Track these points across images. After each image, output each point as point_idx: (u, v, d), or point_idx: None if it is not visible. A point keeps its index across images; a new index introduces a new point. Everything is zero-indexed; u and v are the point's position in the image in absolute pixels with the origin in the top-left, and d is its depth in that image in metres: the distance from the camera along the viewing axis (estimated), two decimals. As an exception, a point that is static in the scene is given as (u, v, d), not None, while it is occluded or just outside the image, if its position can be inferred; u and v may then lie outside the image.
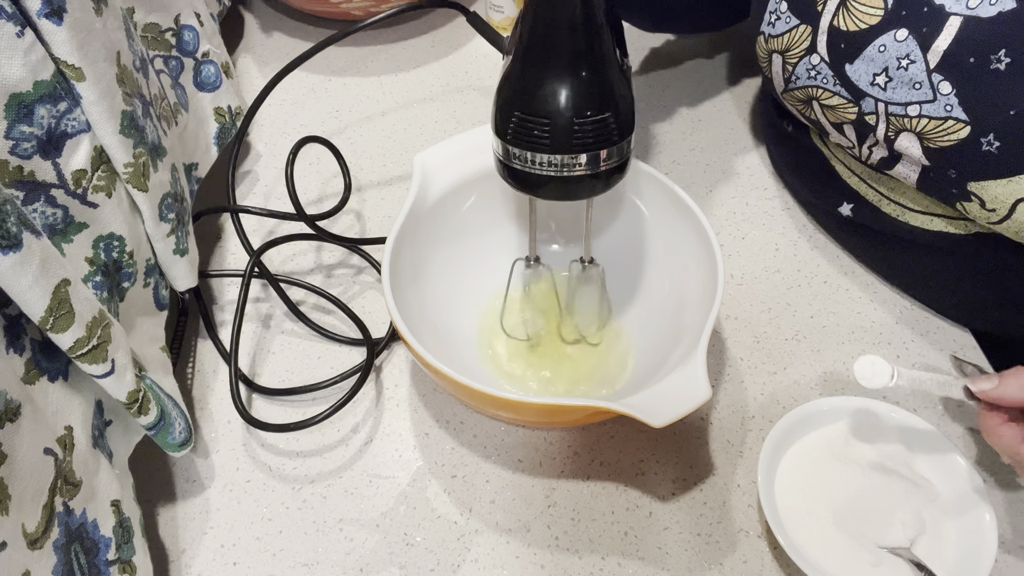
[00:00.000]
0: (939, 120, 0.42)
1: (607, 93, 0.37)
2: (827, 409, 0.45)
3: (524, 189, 0.40)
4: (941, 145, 0.42)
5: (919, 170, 0.45)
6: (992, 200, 0.42)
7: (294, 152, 0.51)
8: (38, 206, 0.37)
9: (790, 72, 0.49)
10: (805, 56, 0.47)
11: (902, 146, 0.45)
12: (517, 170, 0.39)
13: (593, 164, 0.38)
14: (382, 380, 0.51)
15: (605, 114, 0.37)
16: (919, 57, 0.42)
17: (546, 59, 0.37)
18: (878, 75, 0.44)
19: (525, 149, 0.38)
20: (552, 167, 0.38)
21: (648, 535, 0.44)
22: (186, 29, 0.56)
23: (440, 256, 0.50)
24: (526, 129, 0.37)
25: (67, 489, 0.35)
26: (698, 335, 0.40)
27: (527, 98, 0.37)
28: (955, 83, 0.41)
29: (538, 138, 0.37)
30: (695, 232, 0.46)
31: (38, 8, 0.35)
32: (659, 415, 0.37)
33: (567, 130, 0.37)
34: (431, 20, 0.77)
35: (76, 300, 0.34)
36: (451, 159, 0.49)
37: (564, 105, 0.37)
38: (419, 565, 0.43)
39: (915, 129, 0.43)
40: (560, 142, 0.37)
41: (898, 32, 0.42)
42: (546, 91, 0.37)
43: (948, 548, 0.40)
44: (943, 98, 0.41)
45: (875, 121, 0.45)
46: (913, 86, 0.42)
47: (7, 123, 0.35)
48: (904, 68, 0.42)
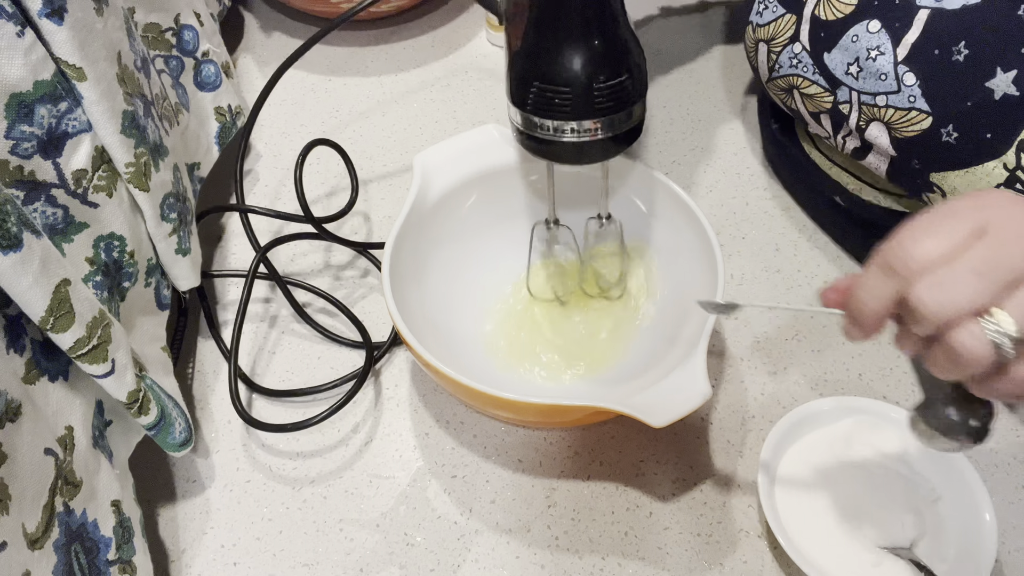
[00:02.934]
0: (904, 111, 0.43)
1: (623, 55, 0.38)
2: (827, 409, 0.45)
3: (546, 156, 0.41)
4: (906, 135, 0.44)
5: (887, 160, 0.46)
6: (952, 191, 0.43)
7: (303, 155, 0.51)
8: (38, 206, 0.37)
9: (774, 60, 0.51)
10: (788, 45, 0.49)
11: (872, 135, 0.46)
12: (538, 138, 0.40)
13: (612, 127, 0.39)
14: (382, 380, 0.51)
15: (622, 77, 0.38)
16: (888, 49, 0.43)
17: (559, 26, 0.37)
18: (851, 64, 0.45)
19: (546, 118, 0.39)
20: (573, 133, 0.39)
21: (648, 535, 0.44)
22: (186, 29, 0.56)
23: (441, 256, 0.50)
24: (546, 98, 0.38)
25: (67, 489, 0.35)
26: (698, 335, 0.40)
27: (545, 67, 0.38)
28: (919, 74, 0.42)
29: (559, 106, 0.38)
30: (695, 232, 0.46)
31: (39, 8, 0.35)
32: (659, 415, 0.37)
33: (587, 96, 0.38)
34: (431, 20, 0.77)
35: (76, 300, 0.34)
36: (451, 159, 0.49)
37: (583, 72, 0.37)
38: (419, 565, 0.43)
39: (883, 119, 0.44)
40: (581, 108, 0.38)
41: (871, 23, 0.44)
42: (564, 59, 0.38)
43: (948, 548, 0.40)
44: (907, 89, 0.43)
45: (848, 110, 0.46)
46: (879, 77, 0.44)
47: (7, 123, 0.35)
48: (873, 59, 0.44)
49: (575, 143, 0.39)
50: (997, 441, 0.47)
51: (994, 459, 0.46)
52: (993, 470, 0.46)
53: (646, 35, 0.74)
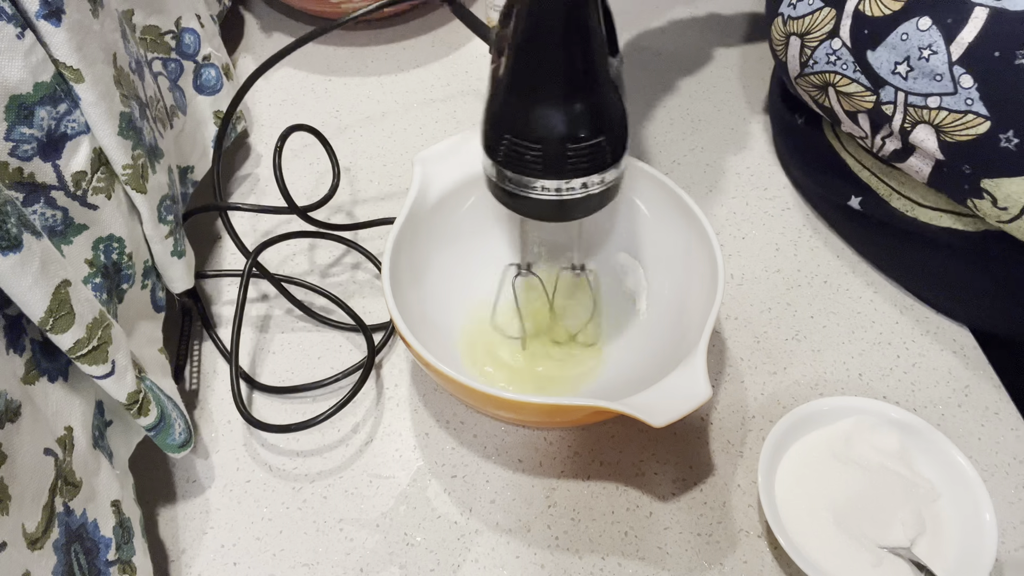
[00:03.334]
0: (959, 114, 0.41)
1: (601, 115, 0.36)
2: (827, 409, 0.45)
3: (515, 210, 0.40)
4: (958, 139, 0.42)
5: (932, 164, 0.45)
6: (1005, 198, 0.42)
7: (282, 139, 0.50)
8: (38, 208, 0.37)
9: (808, 56, 0.48)
10: (826, 40, 0.47)
11: (917, 138, 0.44)
12: (508, 192, 0.38)
13: (587, 187, 0.37)
14: (382, 380, 0.51)
15: (599, 138, 0.36)
16: (941, 48, 0.41)
17: (536, 77, 0.35)
18: (899, 64, 0.43)
19: (517, 172, 0.37)
20: (545, 191, 0.37)
21: (648, 535, 0.44)
22: (187, 32, 0.56)
23: (440, 256, 0.50)
24: (517, 153, 0.36)
25: (67, 489, 0.35)
26: (698, 335, 0.40)
27: (518, 121, 0.36)
28: (977, 77, 0.40)
29: (530, 163, 0.36)
30: (695, 232, 0.46)
31: (36, 9, 0.35)
32: (659, 415, 0.37)
33: (560, 156, 0.36)
34: (431, 20, 0.77)
35: (76, 301, 0.34)
36: (451, 159, 0.49)
37: (557, 130, 0.35)
38: (419, 565, 0.43)
39: (933, 121, 0.43)
40: (553, 168, 0.36)
41: (920, 20, 0.42)
42: (537, 114, 0.35)
43: (948, 548, 0.40)
44: (964, 91, 0.41)
45: (892, 111, 0.45)
46: (934, 77, 0.42)
47: (7, 125, 0.35)
48: (926, 59, 0.42)
49: (546, 200, 0.38)
50: (997, 441, 0.47)
51: (994, 459, 0.46)
52: (993, 470, 0.46)
53: (645, 35, 0.74)
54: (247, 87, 0.52)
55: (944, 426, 0.47)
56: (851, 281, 0.55)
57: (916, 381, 0.49)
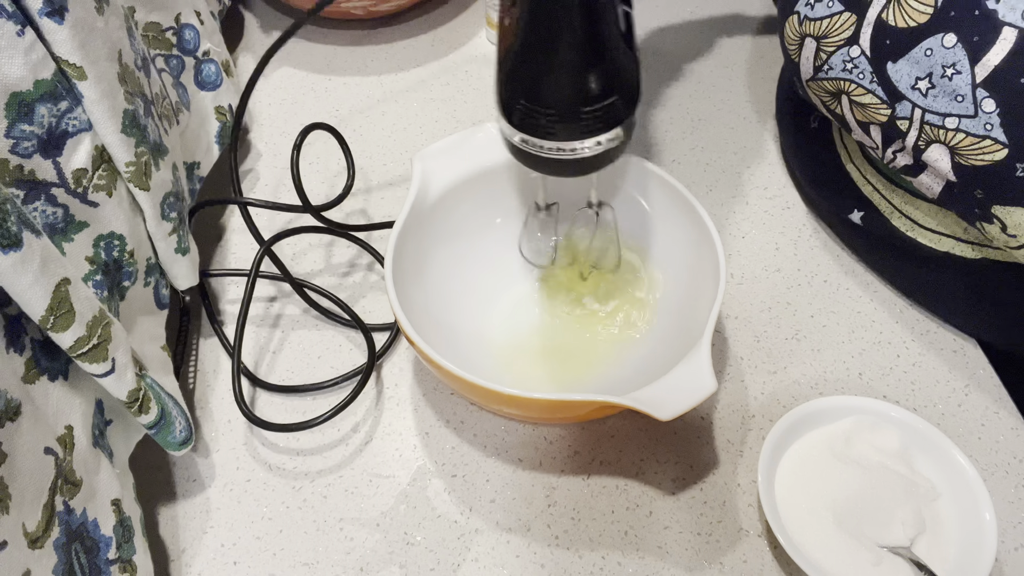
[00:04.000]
0: (977, 138, 0.40)
1: (613, 75, 0.37)
2: (827, 409, 0.45)
3: (534, 168, 0.41)
4: (973, 163, 0.40)
5: (943, 184, 0.43)
6: (1015, 226, 0.40)
7: (302, 136, 0.50)
8: (38, 205, 0.37)
9: (823, 60, 0.46)
10: (844, 47, 0.45)
11: (931, 157, 0.42)
12: (524, 152, 0.39)
13: (601, 143, 0.38)
14: (383, 379, 0.51)
15: (611, 98, 0.37)
16: (966, 68, 0.39)
17: (548, 41, 0.36)
18: (921, 79, 0.41)
19: (531, 135, 0.38)
20: (560, 151, 0.38)
21: (648, 534, 0.44)
22: (187, 28, 0.56)
23: (442, 253, 0.50)
24: (532, 118, 0.37)
25: (67, 488, 0.35)
26: (701, 329, 0.40)
27: (531, 86, 0.37)
28: (1000, 102, 0.38)
29: (544, 126, 0.37)
30: (697, 230, 0.46)
31: (39, 7, 0.35)
32: (665, 408, 0.37)
33: (574, 119, 0.37)
34: (431, 20, 0.77)
35: (76, 299, 0.34)
36: (451, 157, 0.49)
37: (570, 94, 0.36)
38: (419, 564, 0.43)
39: (948, 142, 0.41)
40: (567, 130, 0.37)
41: (946, 37, 0.40)
42: (550, 80, 0.36)
43: (948, 548, 0.40)
44: (984, 116, 0.39)
45: (907, 127, 0.43)
46: (955, 98, 0.40)
47: (8, 122, 0.35)
48: (948, 77, 0.40)
49: (563, 159, 0.39)
50: (997, 441, 0.47)
51: (994, 459, 0.46)
52: (993, 470, 0.46)
53: (645, 35, 0.74)
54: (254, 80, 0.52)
55: (944, 426, 0.47)
56: (851, 281, 0.55)
57: (916, 381, 0.50)
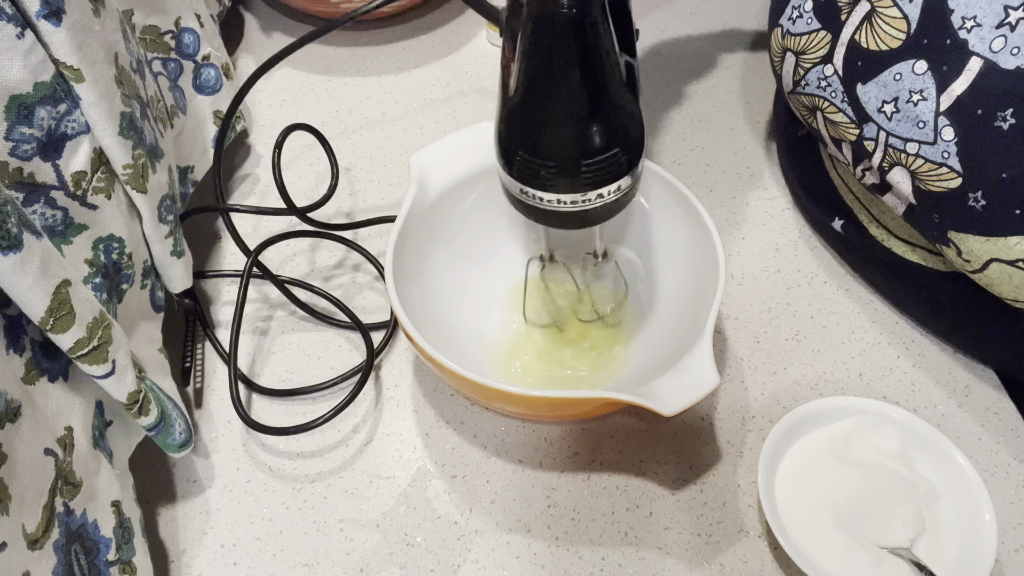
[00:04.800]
0: (934, 164, 0.40)
1: (616, 129, 0.35)
2: (827, 409, 0.45)
3: (534, 219, 0.40)
4: (931, 188, 0.41)
5: (906, 205, 0.44)
6: (968, 252, 0.41)
7: (281, 138, 0.50)
8: (38, 207, 0.37)
9: (801, 76, 0.47)
10: (820, 64, 0.45)
11: (894, 179, 0.43)
12: (525, 204, 0.38)
13: (604, 196, 0.37)
14: (382, 380, 0.51)
15: (614, 151, 0.35)
16: (932, 96, 0.40)
17: (549, 95, 0.34)
18: (887, 103, 0.42)
19: (531, 187, 0.37)
20: (561, 203, 0.37)
21: (648, 535, 0.44)
22: (186, 32, 0.56)
23: (441, 253, 0.50)
24: (531, 169, 0.36)
25: (67, 489, 0.35)
26: (702, 325, 0.40)
27: (530, 139, 0.36)
28: (958, 131, 0.39)
29: (544, 179, 0.36)
30: (697, 228, 0.46)
31: (37, 9, 0.35)
32: (669, 404, 0.37)
33: (574, 173, 0.36)
34: (431, 20, 0.77)
35: (76, 301, 0.34)
36: (448, 158, 0.49)
37: (570, 148, 0.35)
38: (419, 565, 0.43)
39: (909, 166, 0.42)
40: (568, 184, 0.36)
41: (917, 64, 0.40)
42: (551, 133, 0.35)
43: (948, 548, 0.40)
44: (943, 144, 0.40)
45: (872, 148, 0.44)
46: (917, 124, 0.40)
47: (7, 125, 0.35)
48: (913, 103, 0.40)
49: (564, 212, 0.37)
50: (997, 441, 0.47)
51: (994, 459, 0.46)
52: (993, 470, 0.46)
53: (645, 35, 0.74)
54: (246, 89, 0.52)
55: (944, 426, 0.47)
56: (851, 281, 0.55)
57: (916, 382, 0.49)
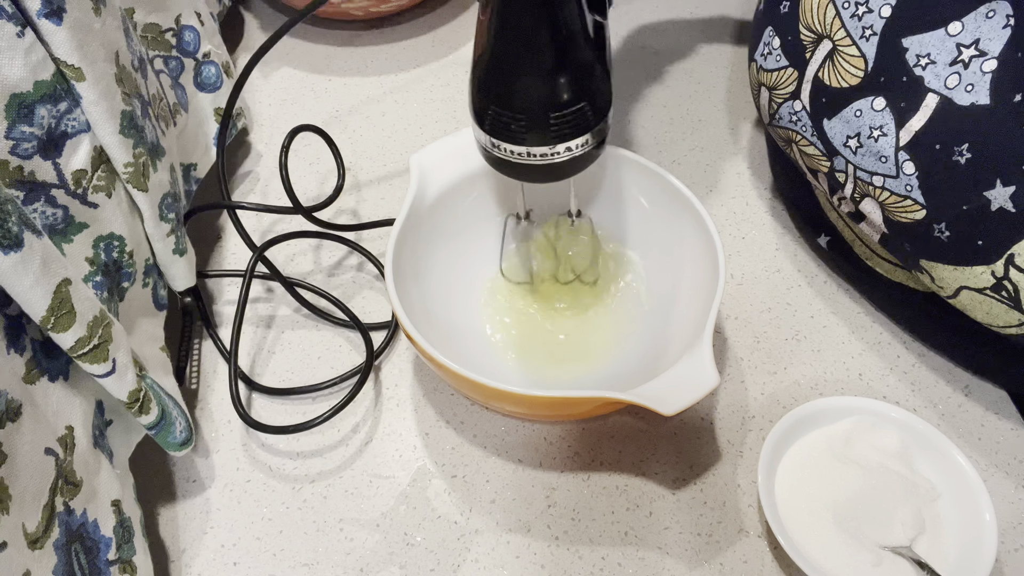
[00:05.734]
0: (900, 196, 0.41)
1: (582, 83, 0.37)
2: (827, 409, 0.45)
3: (508, 174, 0.41)
4: (899, 219, 0.42)
5: (879, 235, 0.45)
6: (940, 280, 0.42)
7: (288, 139, 0.50)
8: (38, 206, 0.37)
9: (775, 109, 0.48)
10: (789, 100, 0.47)
11: (866, 209, 0.44)
12: (497, 158, 0.40)
13: (572, 149, 0.38)
14: (382, 380, 0.51)
15: (580, 104, 0.37)
16: (892, 131, 0.41)
17: (517, 49, 0.36)
18: (851, 138, 0.43)
19: (503, 141, 0.38)
20: (531, 156, 0.38)
21: (648, 535, 0.44)
22: (187, 29, 0.56)
23: (441, 252, 0.50)
24: (502, 123, 0.38)
25: (68, 489, 0.35)
26: (702, 325, 0.40)
27: (501, 92, 0.37)
28: (919, 166, 0.40)
29: (515, 132, 0.38)
30: (697, 228, 0.46)
31: (38, 8, 0.35)
32: (669, 403, 0.37)
33: (543, 124, 0.37)
34: (431, 20, 0.77)
35: (77, 300, 0.34)
36: (448, 157, 0.49)
37: (539, 101, 0.36)
38: (419, 565, 0.43)
39: (877, 198, 0.43)
40: (537, 136, 0.37)
41: (876, 100, 0.41)
42: (519, 86, 0.37)
43: (948, 548, 0.40)
44: (905, 177, 0.41)
45: (844, 179, 0.45)
46: (880, 158, 0.42)
47: (8, 123, 0.35)
48: (875, 139, 0.42)
49: (535, 165, 0.39)
50: (997, 441, 0.47)
51: (994, 459, 0.46)
52: (993, 470, 0.46)
53: (645, 35, 0.74)
54: (243, 79, 0.52)
55: (944, 426, 0.47)
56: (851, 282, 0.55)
57: (916, 381, 0.50)
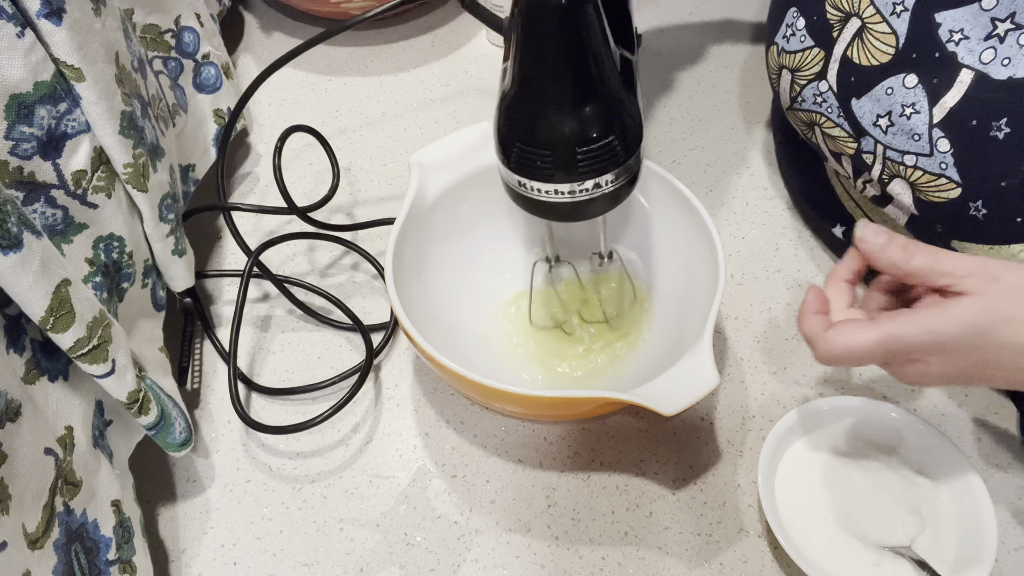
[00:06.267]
0: (933, 176, 0.41)
1: (610, 116, 0.36)
2: (827, 409, 0.45)
3: (535, 213, 0.40)
4: (931, 199, 0.41)
5: (908, 216, 0.44)
6: None
7: (282, 140, 0.50)
8: (38, 207, 0.37)
9: (797, 92, 0.47)
10: (814, 81, 0.46)
11: (894, 191, 0.44)
12: (524, 196, 0.39)
13: (601, 186, 0.37)
14: (382, 380, 0.51)
15: (609, 138, 0.36)
16: (924, 108, 0.40)
17: (543, 84, 0.35)
18: (881, 117, 0.42)
19: (529, 179, 0.37)
20: (559, 194, 0.37)
21: (648, 535, 0.44)
22: (186, 31, 0.56)
23: (441, 252, 0.50)
24: (529, 160, 0.36)
25: (67, 489, 0.35)
26: (701, 327, 0.40)
27: (527, 129, 0.36)
28: (954, 142, 0.39)
29: (541, 168, 0.36)
30: (697, 228, 0.46)
31: (37, 8, 0.35)
32: (669, 404, 0.37)
33: (570, 160, 0.36)
34: (431, 20, 0.77)
35: (76, 300, 0.34)
36: (447, 157, 0.49)
37: (566, 136, 0.35)
38: (419, 565, 0.43)
39: (908, 178, 0.42)
40: (564, 172, 0.36)
41: (907, 77, 0.40)
42: (546, 122, 0.35)
43: (948, 547, 0.40)
44: (940, 155, 0.40)
45: (871, 161, 0.44)
46: (912, 137, 0.41)
47: (7, 124, 0.35)
48: (907, 117, 0.41)
49: (562, 203, 0.38)
50: (997, 441, 0.47)
51: (994, 459, 0.46)
52: (993, 470, 0.46)
53: (645, 35, 0.74)
54: (252, 90, 0.52)
55: (944, 426, 0.47)
56: (851, 281, 0.55)
57: (916, 381, 0.49)
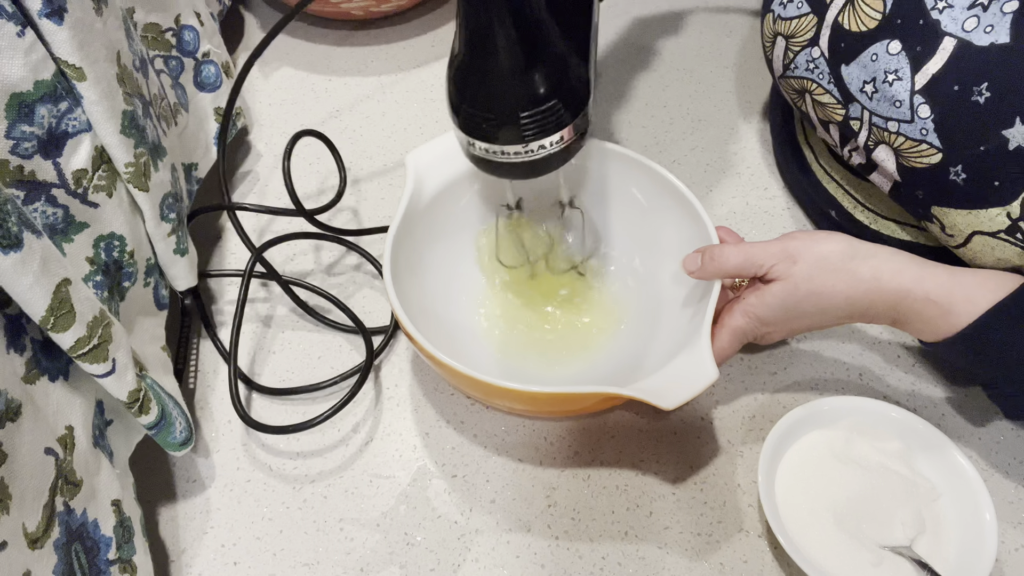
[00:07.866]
0: (914, 142, 0.42)
1: (553, 79, 0.36)
2: (827, 409, 0.45)
3: (486, 171, 0.40)
4: (913, 165, 0.42)
5: (891, 183, 0.45)
6: (951, 227, 0.42)
7: (291, 145, 0.51)
8: (39, 206, 0.37)
9: (791, 59, 0.48)
10: (807, 47, 0.47)
11: (879, 157, 0.44)
12: (476, 156, 0.39)
13: (548, 146, 0.38)
14: (382, 380, 0.51)
15: (551, 102, 0.36)
16: (907, 75, 0.41)
17: (485, 49, 0.35)
18: (867, 83, 0.43)
19: (477, 139, 0.38)
20: (506, 155, 0.38)
21: (648, 535, 0.44)
22: (186, 29, 0.56)
23: (439, 251, 0.50)
24: (475, 122, 0.37)
25: (68, 489, 0.35)
26: (700, 321, 0.40)
27: (472, 92, 0.37)
28: (934, 108, 0.40)
29: (487, 131, 0.37)
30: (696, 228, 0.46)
31: (39, 8, 0.35)
32: (668, 398, 0.37)
33: (514, 124, 0.36)
34: (431, 20, 0.77)
35: (77, 300, 0.34)
36: (444, 156, 0.49)
37: (508, 101, 0.36)
38: (419, 565, 0.43)
39: (892, 144, 0.43)
40: (508, 135, 0.37)
41: (891, 44, 0.41)
42: (489, 87, 0.36)
43: (948, 548, 0.40)
44: (920, 121, 0.41)
45: (858, 127, 0.45)
46: (894, 103, 0.42)
47: (8, 123, 0.35)
48: (889, 83, 0.42)
49: (512, 163, 0.38)
50: (997, 441, 0.47)
51: (994, 459, 0.46)
52: (993, 470, 0.46)
53: (645, 35, 0.74)
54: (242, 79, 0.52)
55: (944, 426, 0.47)
56: (851, 281, 0.55)
57: (916, 382, 0.50)
